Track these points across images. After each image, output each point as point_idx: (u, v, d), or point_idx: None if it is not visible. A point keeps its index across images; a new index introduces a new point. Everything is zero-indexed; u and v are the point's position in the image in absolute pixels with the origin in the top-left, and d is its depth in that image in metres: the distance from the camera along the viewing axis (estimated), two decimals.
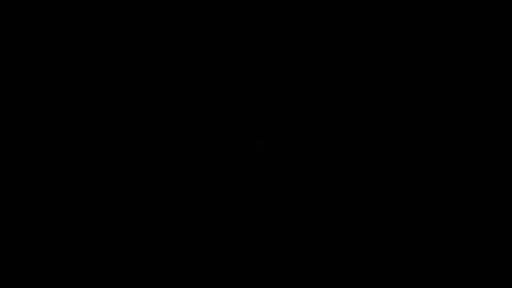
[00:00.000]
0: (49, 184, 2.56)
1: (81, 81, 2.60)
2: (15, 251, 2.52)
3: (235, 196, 2.55)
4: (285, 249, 2.53)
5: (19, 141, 2.57)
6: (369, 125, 2.56)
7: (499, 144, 2.53)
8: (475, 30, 2.56)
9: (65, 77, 2.60)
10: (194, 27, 2.60)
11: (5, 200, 2.54)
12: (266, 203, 2.55)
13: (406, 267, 2.50)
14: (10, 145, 2.57)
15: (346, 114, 2.57)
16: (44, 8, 2.60)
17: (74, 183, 2.56)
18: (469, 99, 2.55)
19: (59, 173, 2.56)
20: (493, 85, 2.55)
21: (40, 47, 2.60)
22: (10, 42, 2.60)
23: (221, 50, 2.60)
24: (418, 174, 2.53)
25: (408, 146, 2.55)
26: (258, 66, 2.59)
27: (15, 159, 2.57)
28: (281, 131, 2.57)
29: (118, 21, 2.60)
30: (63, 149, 2.57)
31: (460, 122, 2.55)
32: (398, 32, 2.57)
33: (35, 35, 2.61)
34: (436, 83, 2.56)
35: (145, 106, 2.59)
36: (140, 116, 2.59)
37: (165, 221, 2.55)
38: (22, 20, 2.60)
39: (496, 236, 2.49)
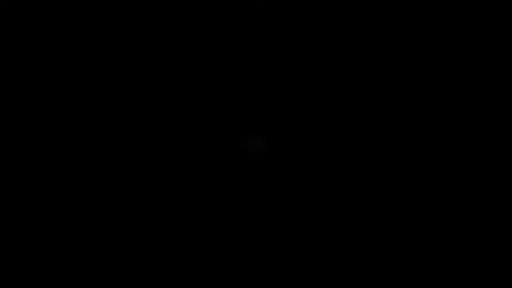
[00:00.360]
0: (49, 184, 2.56)
1: (81, 81, 2.61)
2: (15, 251, 2.52)
3: (235, 196, 2.55)
4: (284, 249, 2.52)
5: (19, 141, 2.58)
6: (368, 125, 2.56)
7: (499, 144, 2.53)
8: (475, 30, 2.58)
9: (65, 77, 2.62)
10: (195, 27, 2.62)
11: (5, 200, 2.55)
12: (265, 203, 2.55)
13: (406, 267, 2.49)
14: (10, 145, 2.58)
15: (346, 114, 2.58)
16: (44, 7, 2.63)
17: (74, 183, 2.56)
18: (469, 99, 2.56)
19: (58, 172, 2.57)
20: (493, 85, 2.56)
21: (40, 47, 2.62)
22: (10, 42, 2.62)
23: (222, 50, 2.62)
24: (418, 174, 2.53)
25: (408, 145, 2.55)
26: (258, 66, 2.61)
27: (15, 159, 2.57)
28: (281, 131, 2.58)
29: (117, 20, 2.62)
30: (63, 149, 2.58)
31: (460, 122, 2.55)
32: (399, 32, 2.59)
33: (34, 35, 2.62)
34: (436, 83, 2.57)
35: (145, 106, 2.60)
36: (139, 116, 2.60)
37: (164, 221, 2.54)
38: (21, 19, 2.63)
39: (496, 236, 2.48)
